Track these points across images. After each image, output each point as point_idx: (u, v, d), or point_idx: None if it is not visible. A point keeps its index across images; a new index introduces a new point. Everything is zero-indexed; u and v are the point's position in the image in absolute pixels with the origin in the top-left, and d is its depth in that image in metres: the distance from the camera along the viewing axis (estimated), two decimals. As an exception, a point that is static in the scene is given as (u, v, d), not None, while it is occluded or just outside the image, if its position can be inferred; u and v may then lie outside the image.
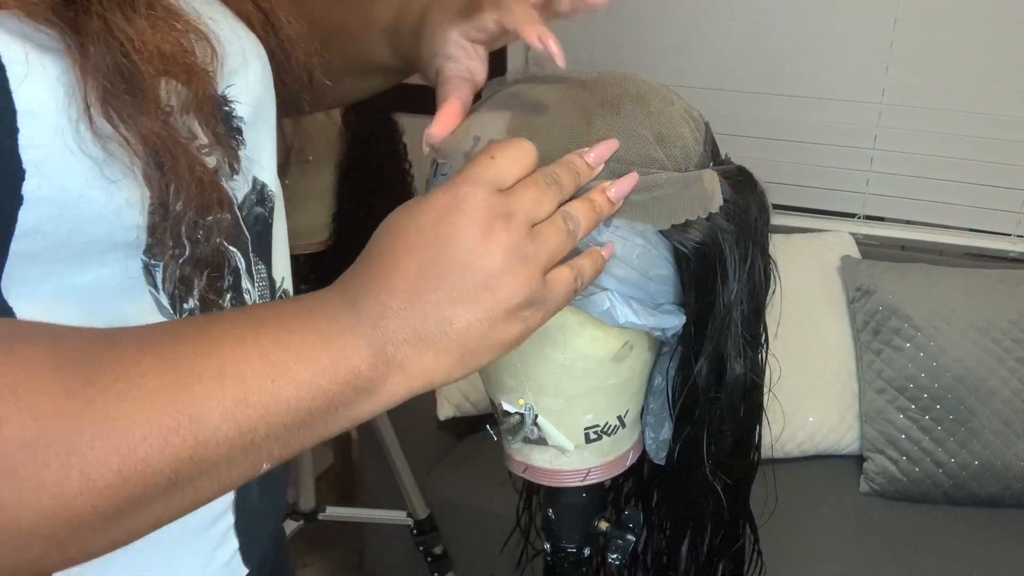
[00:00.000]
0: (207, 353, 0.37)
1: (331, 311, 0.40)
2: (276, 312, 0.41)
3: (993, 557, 1.43)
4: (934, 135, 1.80)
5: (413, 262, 0.41)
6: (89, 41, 0.39)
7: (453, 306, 0.41)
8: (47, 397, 0.34)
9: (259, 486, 0.57)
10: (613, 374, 0.57)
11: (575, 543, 0.67)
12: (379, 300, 0.40)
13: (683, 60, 1.91)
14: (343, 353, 0.39)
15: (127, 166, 0.42)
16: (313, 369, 0.39)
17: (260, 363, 0.38)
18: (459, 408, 1.69)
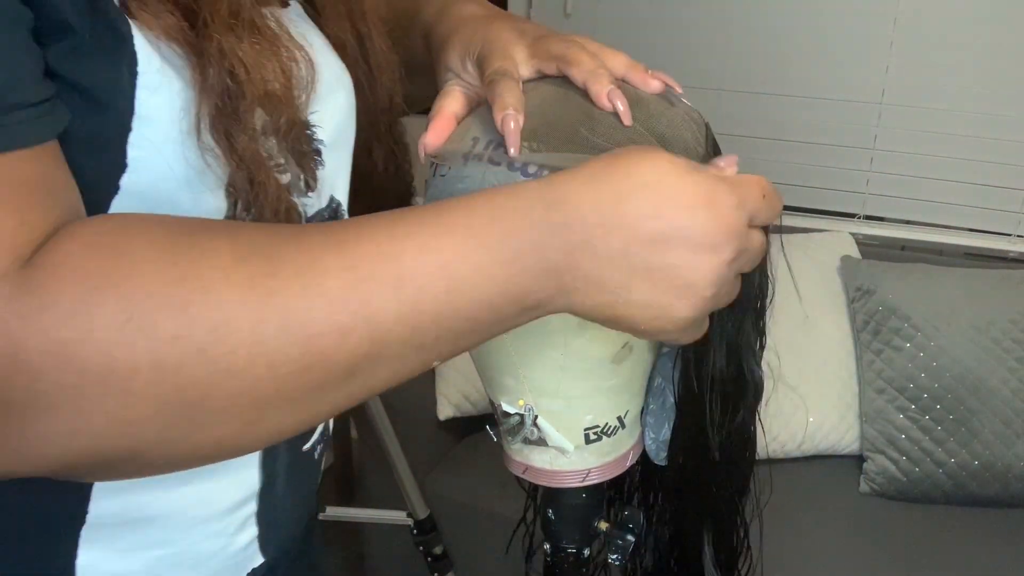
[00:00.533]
0: (389, 259, 0.38)
1: (526, 225, 0.40)
2: (464, 216, 0.41)
3: (993, 557, 1.43)
4: (934, 135, 1.80)
5: (646, 222, 0.41)
6: (208, 63, 0.41)
7: (642, 281, 0.41)
8: (231, 288, 0.36)
9: (286, 480, 0.58)
10: (613, 375, 0.57)
11: (575, 543, 0.67)
12: (588, 231, 0.40)
13: (683, 60, 1.91)
14: (522, 276, 0.40)
15: (218, 177, 0.43)
16: (489, 288, 0.40)
17: (438, 274, 0.39)
18: (459, 408, 1.69)
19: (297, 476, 0.60)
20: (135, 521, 0.51)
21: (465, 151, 0.55)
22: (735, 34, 1.86)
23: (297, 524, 0.64)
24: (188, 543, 0.54)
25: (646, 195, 0.41)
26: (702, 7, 1.86)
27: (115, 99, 0.40)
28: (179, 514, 0.52)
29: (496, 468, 0.67)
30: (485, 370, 0.61)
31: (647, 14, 1.90)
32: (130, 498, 0.50)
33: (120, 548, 0.51)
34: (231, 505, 0.55)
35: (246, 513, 0.57)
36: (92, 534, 0.50)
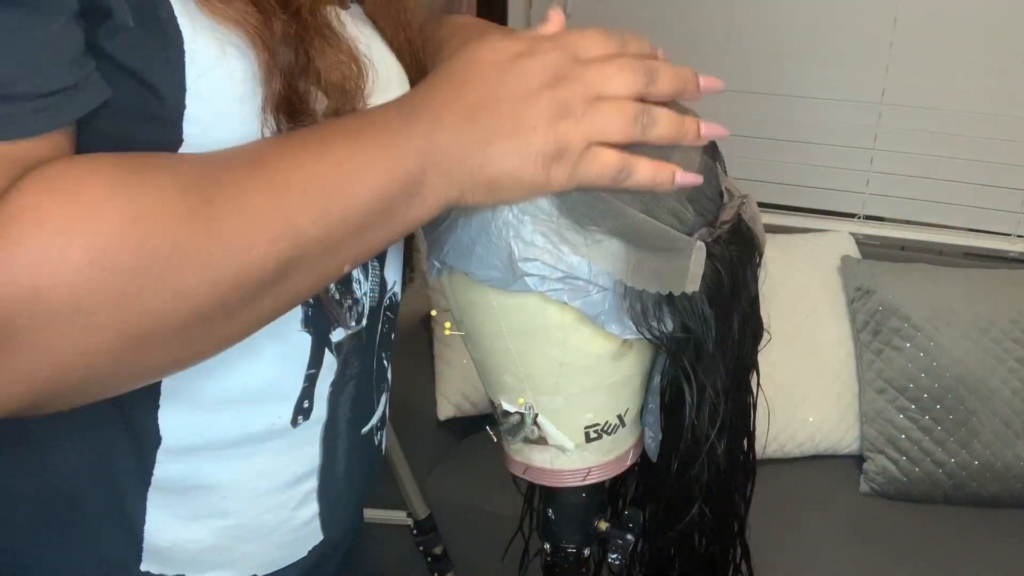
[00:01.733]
0: (295, 168, 0.43)
1: (389, 121, 0.46)
2: (342, 127, 0.46)
3: (993, 557, 1.43)
4: (934, 135, 1.80)
5: (477, 88, 0.46)
6: (277, 43, 0.45)
7: (496, 133, 0.46)
8: (179, 220, 0.39)
9: (346, 461, 0.61)
10: (612, 372, 0.57)
11: (575, 543, 0.67)
12: (434, 113, 0.46)
13: (683, 60, 1.90)
14: (400, 159, 0.45)
15: None
16: (377, 176, 0.45)
17: (335, 175, 0.44)
18: (459, 408, 1.69)
19: (357, 458, 0.62)
20: (198, 488, 0.53)
21: None
22: (735, 34, 1.86)
23: (357, 506, 0.67)
24: (251, 515, 0.56)
25: (469, 69, 0.47)
26: (703, 8, 1.86)
27: (163, 79, 0.43)
28: (241, 485, 0.55)
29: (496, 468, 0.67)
30: (485, 369, 0.61)
31: (647, 14, 1.90)
32: (192, 464, 0.53)
33: (185, 516, 0.54)
34: (292, 479, 0.57)
35: (307, 488, 0.59)
36: (158, 498, 0.53)
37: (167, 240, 0.39)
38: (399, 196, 0.45)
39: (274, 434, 0.55)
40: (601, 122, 0.47)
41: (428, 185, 0.46)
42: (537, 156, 0.46)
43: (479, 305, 0.56)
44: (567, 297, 0.53)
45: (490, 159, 0.46)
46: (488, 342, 0.58)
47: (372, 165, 0.45)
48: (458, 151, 0.46)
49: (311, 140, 0.45)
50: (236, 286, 0.41)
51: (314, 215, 0.43)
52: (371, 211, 0.45)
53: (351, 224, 0.44)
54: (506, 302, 0.54)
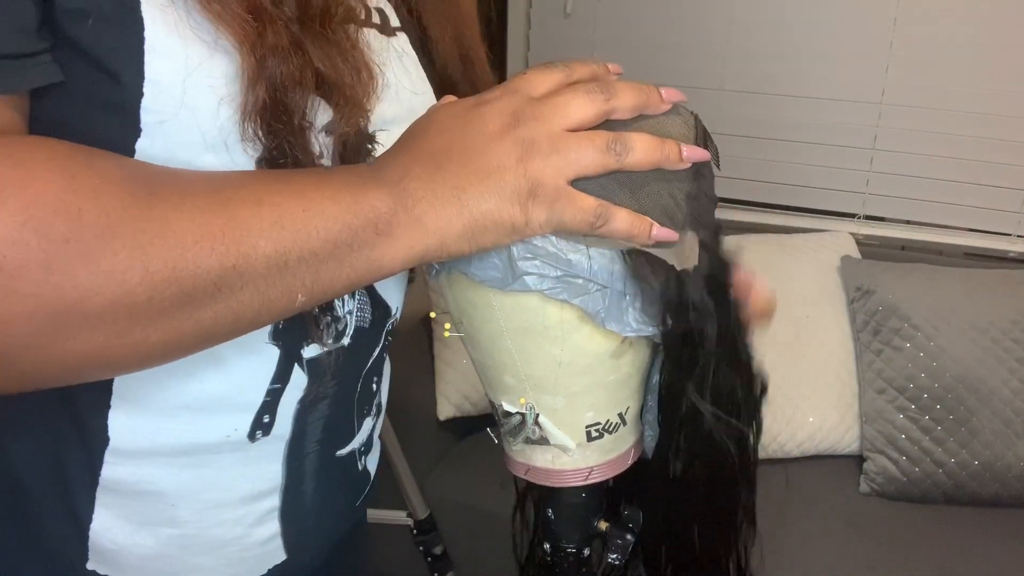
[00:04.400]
0: (249, 186, 0.42)
1: (359, 170, 0.46)
2: (307, 171, 0.46)
3: (993, 557, 1.43)
4: (934, 135, 1.80)
5: (440, 139, 0.46)
6: (266, 53, 0.44)
7: (468, 178, 0.45)
8: (117, 199, 0.38)
9: (315, 482, 0.59)
10: (613, 370, 0.57)
11: (575, 543, 0.67)
12: (403, 164, 0.46)
13: (683, 60, 1.91)
14: (366, 196, 0.44)
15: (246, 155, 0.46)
16: (339, 205, 0.43)
17: (295, 198, 0.43)
18: (459, 408, 1.69)
19: (331, 481, 0.60)
20: (147, 493, 0.52)
21: None
22: (735, 34, 1.86)
23: (333, 529, 0.64)
24: (201, 526, 0.55)
25: (429, 124, 0.47)
26: (702, 7, 1.86)
27: (122, 64, 0.42)
28: (192, 495, 0.53)
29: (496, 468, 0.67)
30: (485, 370, 0.61)
31: (647, 14, 1.90)
32: (141, 468, 0.51)
33: (134, 520, 0.53)
34: (249, 495, 0.56)
35: (267, 507, 0.57)
36: (107, 498, 0.52)
37: (103, 214, 0.38)
38: (364, 231, 0.44)
39: (229, 446, 0.53)
40: (570, 156, 0.46)
41: (399, 227, 0.44)
42: (513, 195, 0.45)
43: (479, 305, 0.56)
44: (567, 295, 0.53)
45: (466, 204, 0.45)
46: (488, 342, 0.58)
47: (336, 195, 0.43)
48: (431, 198, 0.45)
49: (270, 174, 0.44)
50: (170, 280, 0.39)
51: (265, 226, 0.41)
52: (330, 239, 0.43)
53: (306, 248, 0.42)
54: (506, 302, 0.54)
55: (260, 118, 0.45)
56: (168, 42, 0.42)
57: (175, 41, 0.43)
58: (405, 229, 0.45)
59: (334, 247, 0.43)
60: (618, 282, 0.53)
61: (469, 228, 0.46)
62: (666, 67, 1.91)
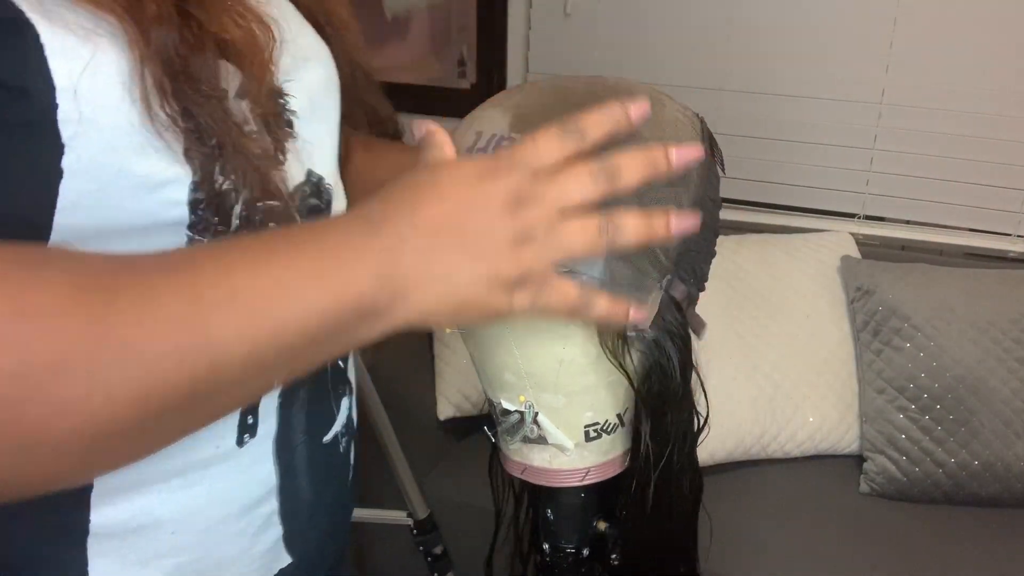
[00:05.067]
0: (222, 276, 0.39)
1: (342, 236, 0.43)
2: (290, 236, 0.43)
3: (993, 557, 1.43)
4: (934, 135, 1.80)
5: (440, 209, 0.44)
6: (150, 25, 0.41)
7: (462, 258, 0.44)
8: (69, 320, 0.35)
9: (308, 474, 0.57)
10: (613, 371, 0.57)
11: (574, 543, 0.67)
12: (398, 230, 0.43)
13: (683, 60, 1.91)
14: (352, 279, 0.42)
15: (170, 144, 0.43)
16: (322, 294, 0.41)
17: (271, 287, 0.40)
18: (459, 408, 1.69)
19: (322, 470, 0.59)
20: (143, 528, 0.50)
21: (468, 146, 0.55)
22: (735, 34, 1.86)
23: (328, 521, 0.63)
24: (206, 548, 0.53)
25: (431, 188, 0.45)
26: (702, 7, 1.86)
27: (26, 76, 0.38)
28: (190, 518, 0.51)
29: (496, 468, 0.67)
30: (485, 368, 0.61)
31: (647, 14, 1.90)
32: (132, 504, 0.49)
33: (134, 560, 0.50)
34: (248, 503, 0.54)
35: (267, 511, 0.55)
36: (100, 545, 0.49)
37: (54, 343, 0.34)
38: (349, 318, 0.42)
39: (219, 458, 0.51)
40: (564, 243, 0.46)
41: (386, 310, 0.43)
42: (503, 284, 0.46)
43: (479, 304, 0.56)
44: None
45: (455, 288, 0.45)
46: (489, 339, 0.58)
47: (317, 283, 0.41)
48: (423, 279, 0.44)
49: (247, 250, 0.41)
50: (136, 403, 0.36)
51: (241, 327, 0.38)
52: (310, 332, 0.41)
53: (284, 343, 0.40)
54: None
55: (165, 98, 0.41)
56: (65, 42, 0.39)
57: (70, 39, 0.39)
58: (391, 310, 0.43)
59: (314, 337, 0.41)
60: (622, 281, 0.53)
61: (454, 309, 0.45)
62: (666, 67, 1.91)
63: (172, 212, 0.44)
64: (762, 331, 1.64)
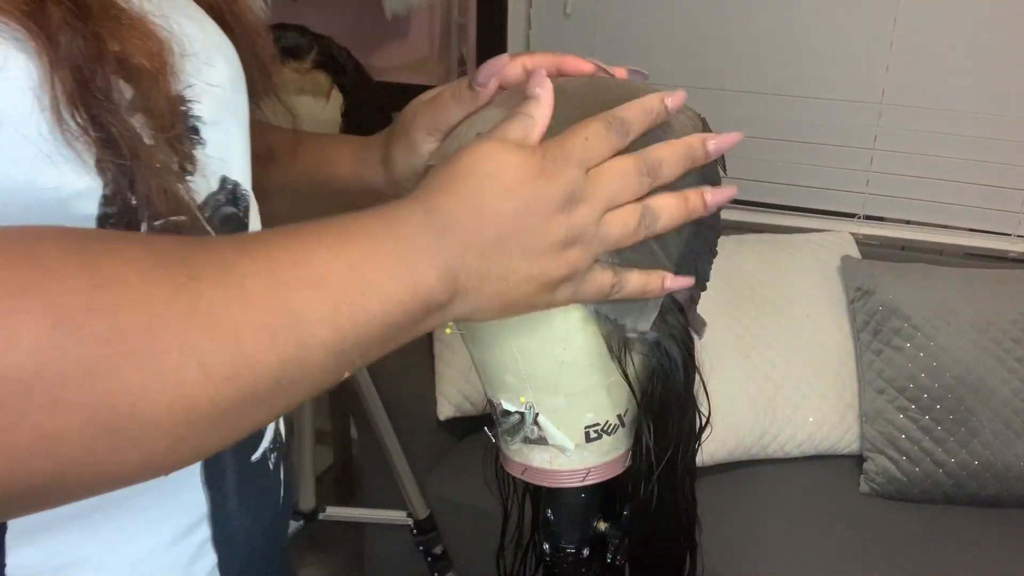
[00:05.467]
0: (301, 262, 0.39)
1: (414, 230, 0.43)
2: (362, 224, 0.43)
3: (993, 557, 1.43)
4: (934, 135, 1.80)
5: (504, 207, 0.45)
6: (57, 31, 0.39)
7: (520, 259, 0.46)
8: (156, 289, 0.34)
9: (239, 497, 0.54)
10: (614, 371, 0.57)
11: (574, 543, 0.67)
12: (467, 234, 0.44)
13: (683, 60, 1.91)
14: (424, 275, 0.43)
15: (81, 154, 0.40)
16: (397, 287, 0.42)
17: (350, 275, 0.40)
18: (459, 408, 1.69)
19: (253, 491, 0.55)
20: (65, 567, 0.46)
21: None
22: (735, 34, 1.86)
23: (264, 542, 0.59)
24: None
25: (495, 183, 0.45)
26: (702, 7, 1.86)
27: None
28: (115, 552, 0.47)
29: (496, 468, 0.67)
30: (485, 368, 0.61)
31: (647, 14, 1.90)
32: (51, 543, 0.45)
33: None
34: (178, 533, 0.50)
35: (199, 539, 0.52)
36: None
37: (143, 310, 0.33)
38: (418, 312, 0.43)
39: (144, 488, 0.45)
40: (609, 240, 0.48)
41: (447, 304, 0.45)
42: (549, 284, 0.48)
43: (479, 304, 0.56)
44: None
45: (508, 288, 0.46)
46: (490, 340, 0.58)
47: (393, 271, 0.42)
48: (483, 277, 0.45)
49: (323, 234, 0.41)
50: (230, 378, 0.35)
51: (324, 314, 0.38)
52: (387, 322, 0.41)
53: (363, 332, 0.40)
54: (507, 301, 0.54)
55: (76, 106, 0.39)
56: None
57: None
58: (450, 306, 0.45)
59: (388, 328, 0.42)
60: None
61: (502, 307, 0.47)
62: (666, 67, 1.91)
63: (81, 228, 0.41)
64: (762, 331, 1.64)
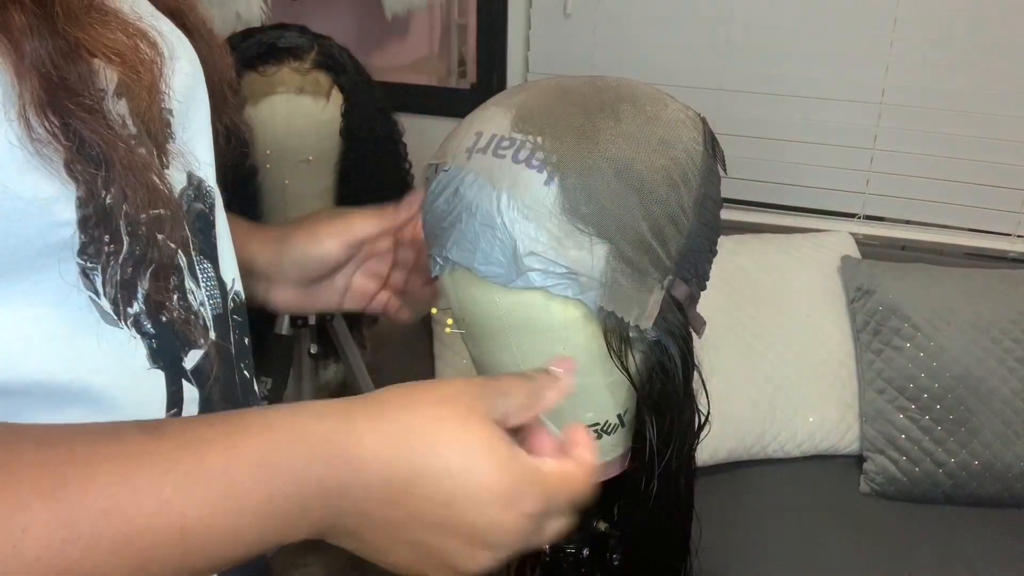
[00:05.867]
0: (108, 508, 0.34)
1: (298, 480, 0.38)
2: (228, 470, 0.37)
3: (993, 557, 1.43)
4: (934, 135, 1.80)
5: (435, 509, 0.40)
6: (21, 37, 0.38)
7: (409, 552, 0.41)
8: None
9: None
10: (613, 370, 0.57)
11: (575, 543, 0.67)
12: (368, 502, 0.39)
13: (683, 60, 1.91)
14: (281, 528, 0.38)
15: (51, 160, 0.40)
16: (244, 540, 0.37)
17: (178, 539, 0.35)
18: (459, 408, 1.69)
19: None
20: None
21: (468, 146, 0.55)
22: (735, 34, 1.86)
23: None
24: None
25: (445, 484, 0.39)
26: (702, 7, 1.86)
27: None
28: None
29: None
30: (485, 367, 0.61)
31: (647, 14, 1.90)
32: None
33: None
34: None
35: None
36: None
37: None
38: (272, 544, 0.39)
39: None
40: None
41: (320, 536, 0.40)
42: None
43: (481, 302, 0.56)
44: (571, 292, 0.53)
45: (387, 564, 0.43)
46: (490, 340, 0.58)
47: (242, 535, 0.37)
48: (358, 541, 0.41)
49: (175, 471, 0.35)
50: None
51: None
52: (232, 558, 0.38)
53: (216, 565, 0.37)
54: (509, 298, 0.54)
55: (44, 113, 0.39)
56: None
57: None
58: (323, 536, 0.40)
59: (238, 559, 0.38)
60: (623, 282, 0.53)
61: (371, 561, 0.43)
62: (666, 67, 1.91)
63: (61, 233, 0.42)
64: (762, 331, 1.64)
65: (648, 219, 0.52)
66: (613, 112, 0.54)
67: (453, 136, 0.58)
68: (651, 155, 0.53)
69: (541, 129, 0.53)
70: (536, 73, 2.04)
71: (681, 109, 0.58)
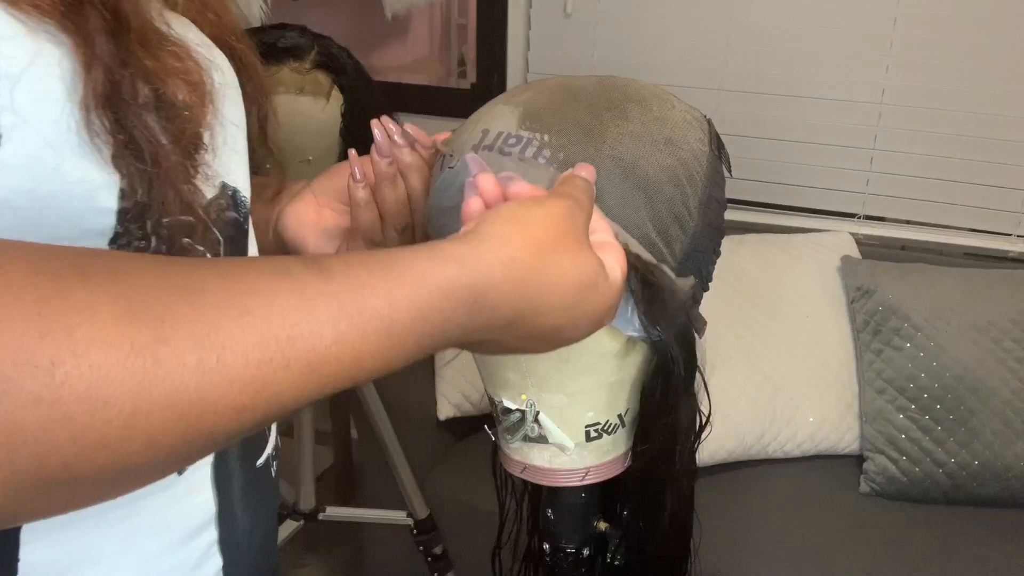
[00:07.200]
0: (297, 341, 0.35)
1: (445, 318, 0.42)
2: (387, 307, 0.39)
3: (993, 557, 1.43)
4: (934, 135, 1.80)
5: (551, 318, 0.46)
6: (94, 34, 0.40)
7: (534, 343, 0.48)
8: (108, 350, 0.30)
9: (244, 501, 0.55)
10: (616, 371, 0.57)
11: (574, 543, 0.67)
12: (499, 330, 0.45)
13: (683, 60, 1.91)
14: (422, 350, 0.42)
15: (101, 150, 0.41)
16: (386, 364, 0.40)
17: (347, 358, 0.38)
18: (459, 408, 1.69)
19: (256, 495, 0.56)
20: (79, 565, 0.46)
21: (475, 143, 0.55)
22: (735, 34, 1.86)
23: (262, 552, 0.59)
24: None
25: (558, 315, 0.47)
26: (702, 7, 1.86)
27: None
28: (129, 551, 0.48)
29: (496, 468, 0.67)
30: (486, 366, 0.61)
31: (647, 14, 1.90)
32: (67, 540, 0.45)
33: None
34: (187, 533, 0.51)
35: (207, 541, 0.52)
36: None
37: (87, 372, 0.30)
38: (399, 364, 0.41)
39: (160, 487, 0.48)
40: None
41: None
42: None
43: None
44: None
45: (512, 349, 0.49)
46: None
47: (392, 361, 0.40)
48: (491, 348, 0.47)
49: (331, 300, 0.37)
50: (179, 445, 0.33)
51: (301, 396, 0.36)
52: (357, 381, 0.40)
53: (334, 389, 0.38)
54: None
55: (103, 105, 0.40)
56: (15, 28, 0.37)
57: (19, 27, 0.37)
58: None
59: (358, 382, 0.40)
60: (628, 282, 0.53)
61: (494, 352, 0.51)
62: (666, 67, 1.91)
63: (100, 221, 0.42)
64: (762, 331, 1.64)
65: (653, 218, 0.52)
66: (620, 111, 0.54)
67: (461, 131, 0.58)
68: (657, 155, 0.53)
69: (548, 126, 0.53)
70: (536, 73, 2.04)
71: (687, 110, 0.58)
